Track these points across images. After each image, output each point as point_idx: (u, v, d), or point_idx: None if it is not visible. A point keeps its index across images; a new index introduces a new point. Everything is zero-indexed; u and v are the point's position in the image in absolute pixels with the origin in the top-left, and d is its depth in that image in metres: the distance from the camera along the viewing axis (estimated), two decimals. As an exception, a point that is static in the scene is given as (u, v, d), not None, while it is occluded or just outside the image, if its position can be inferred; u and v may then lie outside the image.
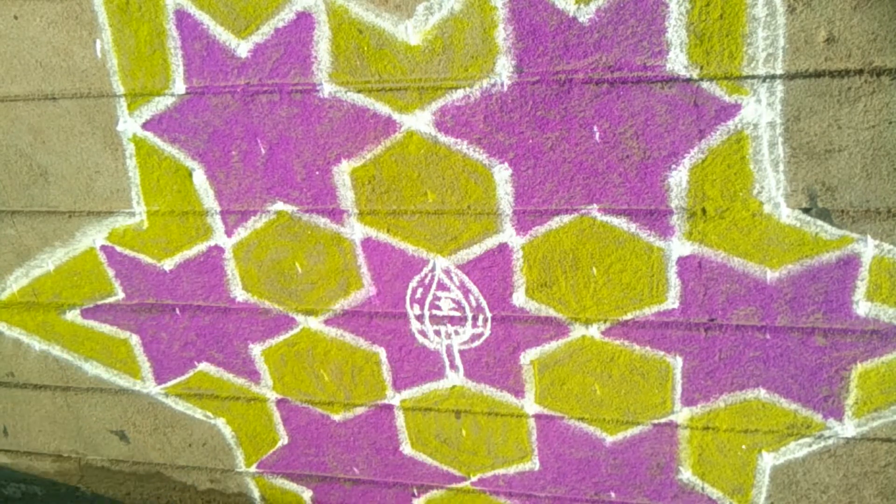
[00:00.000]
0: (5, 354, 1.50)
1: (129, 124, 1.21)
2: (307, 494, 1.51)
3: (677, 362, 1.18)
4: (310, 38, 1.08)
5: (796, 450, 1.19)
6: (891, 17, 0.89)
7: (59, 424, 1.55)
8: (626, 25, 0.97)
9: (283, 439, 1.45)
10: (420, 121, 1.09)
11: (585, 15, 0.97)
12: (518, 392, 1.27)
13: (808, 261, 1.05)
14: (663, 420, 1.23)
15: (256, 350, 1.36)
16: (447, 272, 1.19)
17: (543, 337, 1.21)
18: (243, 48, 1.11)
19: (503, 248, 1.15)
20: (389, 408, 1.36)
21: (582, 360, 1.21)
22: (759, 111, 0.97)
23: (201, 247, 1.28)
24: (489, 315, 1.22)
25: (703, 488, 1.27)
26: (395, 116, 1.10)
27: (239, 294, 1.31)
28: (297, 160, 1.16)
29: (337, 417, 1.40)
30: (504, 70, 1.03)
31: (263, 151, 1.17)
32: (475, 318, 1.22)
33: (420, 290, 1.22)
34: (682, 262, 1.09)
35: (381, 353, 1.30)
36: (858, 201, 1.00)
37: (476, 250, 1.17)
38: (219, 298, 1.32)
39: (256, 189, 1.20)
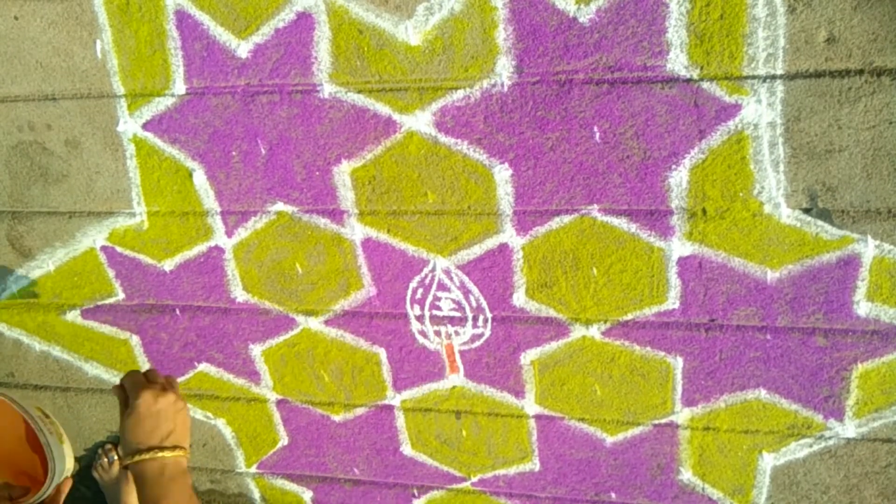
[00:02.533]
0: (5, 355, 1.50)
1: (130, 125, 1.21)
2: (307, 495, 1.51)
3: (678, 363, 1.18)
4: (310, 39, 1.08)
5: (797, 450, 1.19)
6: (891, 17, 0.89)
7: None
8: (627, 26, 0.97)
9: (284, 440, 1.45)
10: (420, 121, 1.09)
11: (585, 15, 0.97)
12: (518, 392, 1.27)
13: (809, 261, 1.05)
14: (664, 420, 1.23)
15: (257, 350, 1.36)
16: (447, 272, 1.19)
17: (544, 337, 1.21)
18: (243, 48, 1.11)
19: (503, 249, 1.15)
20: (390, 408, 1.36)
21: (582, 361, 1.21)
22: (760, 111, 0.97)
23: (201, 247, 1.28)
24: (489, 315, 1.22)
25: (703, 489, 1.27)
26: (396, 117, 1.10)
27: (239, 294, 1.31)
28: (297, 160, 1.16)
29: (337, 418, 1.40)
30: (504, 70, 1.03)
31: (264, 152, 1.17)
32: (475, 319, 1.23)
33: (420, 291, 1.22)
34: (682, 262, 1.09)
35: (382, 353, 1.30)
36: (859, 201, 1.00)
37: (476, 251, 1.17)
38: (219, 299, 1.32)
39: (257, 189, 1.20)
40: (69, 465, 1.36)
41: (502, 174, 1.10)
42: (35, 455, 1.41)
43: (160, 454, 0.93)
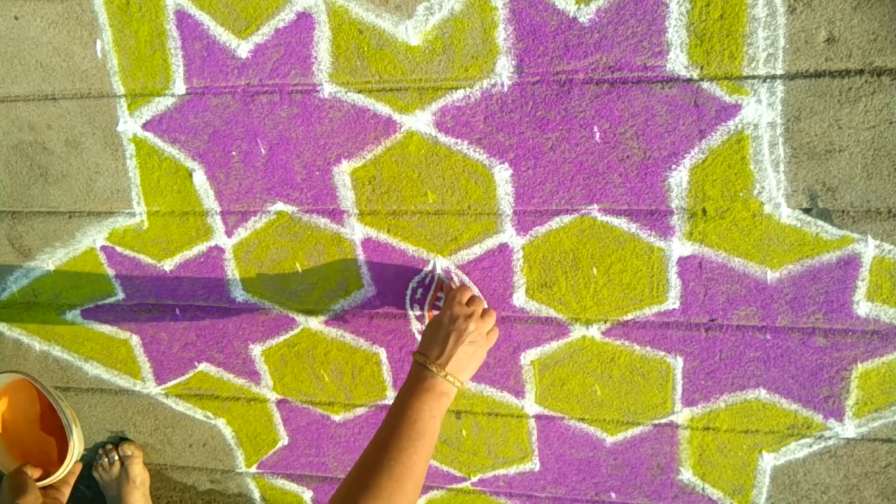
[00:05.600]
0: (5, 355, 1.50)
1: (130, 125, 1.21)
2: (307, 495, 1.51)
3: (678, 363, 1.18)
4: (310, 39, 1.08)
5: (797, 450, 1.19)
6: (891, 17, 0.89)
7: (59, 425, 1.55)
8: (627, 26, 0.97)
9: (284, 440, 1.45)
10: (420, 121, 1.09)
11: (585, 15, 0.97)
12: (518, 392, 1.27)
13: (809, 261, 1.05)
14: (664, 420, 1.23)
15: (256, 350, 1.36)
16: (447, 272, 1.19)
17: (544, 337, 1.21)
18: (243, 48, 1.11)
19: (503, 249, 1.16)
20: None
21: (582, 361, 1.21)
22: (760, 111, 0.97)
23: (201, 247, 1.28)
24: (489, 315, 1.22)
25: (703, 489, 1.27)
26: (396, 117, 1.10)
27: (239, 294, 1.31)
28: (297, 160, 1.16)
29: (337, 418, 1.40)
30: (504, 70, 1.03)
31: (264, 152, 1.17)
32: (475, 319, 1.22)
33: (420, 291, 1.22)
34: (682, 262, 1.09)
35: (382, 353, 1.30)
36: (859, 201, 1.00)
37: (476, 251, 1.17)
38: (219, 299, 1.32)
39: (257, 189, 1.20)
40: (81, 449, 1.38)
41: (502, 174, 1.10)
42: (49, 438, 1.43)
43: (450, 377, 1.02)
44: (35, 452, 1.43)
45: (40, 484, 1.32)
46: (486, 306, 1.13)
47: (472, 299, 1.12)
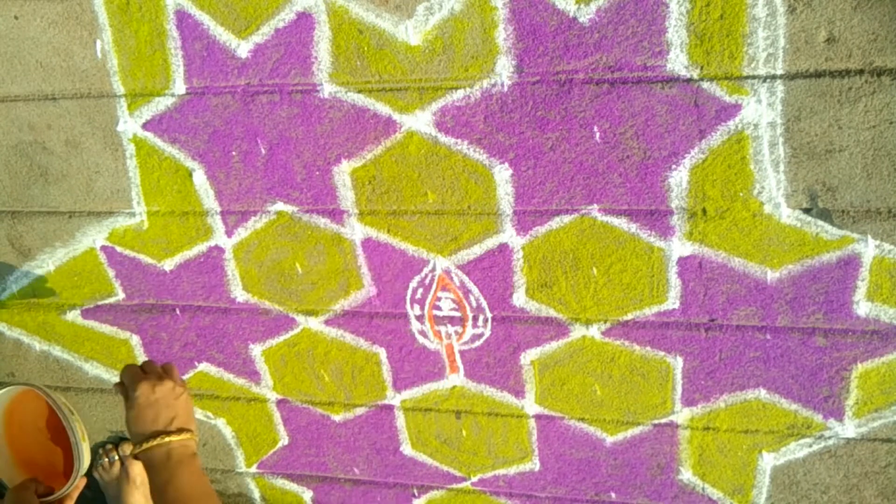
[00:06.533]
0: (6, 355, 1.50)
1: (130, 125, 1.21)
2: (307, 495, 1.51)
3: (678, 362, 1.18)
4: (310, 39, 1.08)
5: (797, 450, 1.19)
6: (891, 17, 0.89)
7: (59, 425, 1.55)
8: (627, 26, 0.97)
9: (284, 440, 1.45)
10: (420, 121, 1.09)
11: (586, 15, 0.97)
12: (518, 392, 1.27)
13: (809, 261, 1.05)
14: (664, 420, 1.23)
15: (257, 350, 1.36)
16: (448, 272, 1.19)
17: (544, 337, 1.21)
18: (243, 48, 1.11)
19: (503, 249, 1.16)
20: (390, 408, 1.36)
21: (582, 361, 1.21)
22: (760, 111, 0.97)
23: (201, 247, 1.28)
24: (489, 315, 1.22)
25: (703, 489, 1.27)
26: (396, 117, 1.10)
27: (239, 294, 1.31)
28: (297, 160, 1.16)
29: (337, 418, 1.40)
30: (504, 70, 1.03)
31: (263, 152, 1.17)
32: (475, 319, 1.23)
33: (420, 291, 1.22)
34: (682, 262, 1.09)
35: (382, 353, 1.30)
36: (859, 201, 1.00)
37: (476, 250, 1.17)
38: (219, 299, 1.32)
39: (256, 189, 1.20)
40: (87, 465, 1.38)
41: (502, 174, 1.10)
42: (56, 448, 1.43)
43: (166, 439, 0.95)
44: (42, 463, 1.43)
45: (45, 501, 1.32)
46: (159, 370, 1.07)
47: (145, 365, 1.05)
